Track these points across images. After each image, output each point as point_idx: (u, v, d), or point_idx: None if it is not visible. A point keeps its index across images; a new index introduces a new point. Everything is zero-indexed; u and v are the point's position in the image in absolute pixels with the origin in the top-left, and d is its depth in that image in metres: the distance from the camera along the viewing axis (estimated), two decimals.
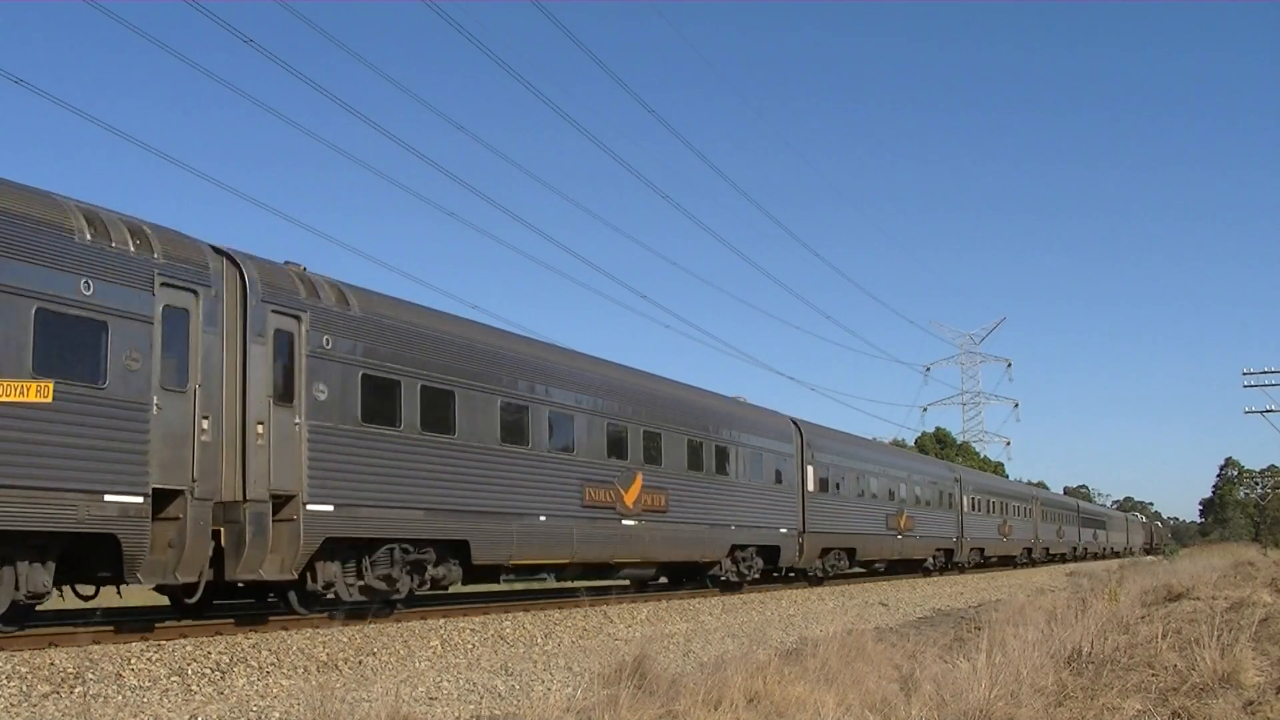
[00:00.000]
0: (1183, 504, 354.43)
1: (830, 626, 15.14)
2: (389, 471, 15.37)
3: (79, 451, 11.46)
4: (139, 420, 12.10)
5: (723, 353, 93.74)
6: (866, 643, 12.21)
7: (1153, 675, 10.84)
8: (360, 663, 12.03)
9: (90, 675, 9.83)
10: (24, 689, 9.24)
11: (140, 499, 11.96)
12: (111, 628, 12.68)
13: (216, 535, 12.89)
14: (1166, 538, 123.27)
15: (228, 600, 14.90)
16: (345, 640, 12.70)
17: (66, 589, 12.73)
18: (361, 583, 15.21)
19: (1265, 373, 64.78)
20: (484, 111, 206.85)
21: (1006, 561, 52.44)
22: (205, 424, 12.88)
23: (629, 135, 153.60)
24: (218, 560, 12.95)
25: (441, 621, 15.42)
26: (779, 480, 27.48)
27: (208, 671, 10.63)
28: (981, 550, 46.13)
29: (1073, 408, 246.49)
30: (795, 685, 9.20)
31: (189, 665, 10.68)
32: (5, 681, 9.28)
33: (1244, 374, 65.24)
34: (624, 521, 20.71)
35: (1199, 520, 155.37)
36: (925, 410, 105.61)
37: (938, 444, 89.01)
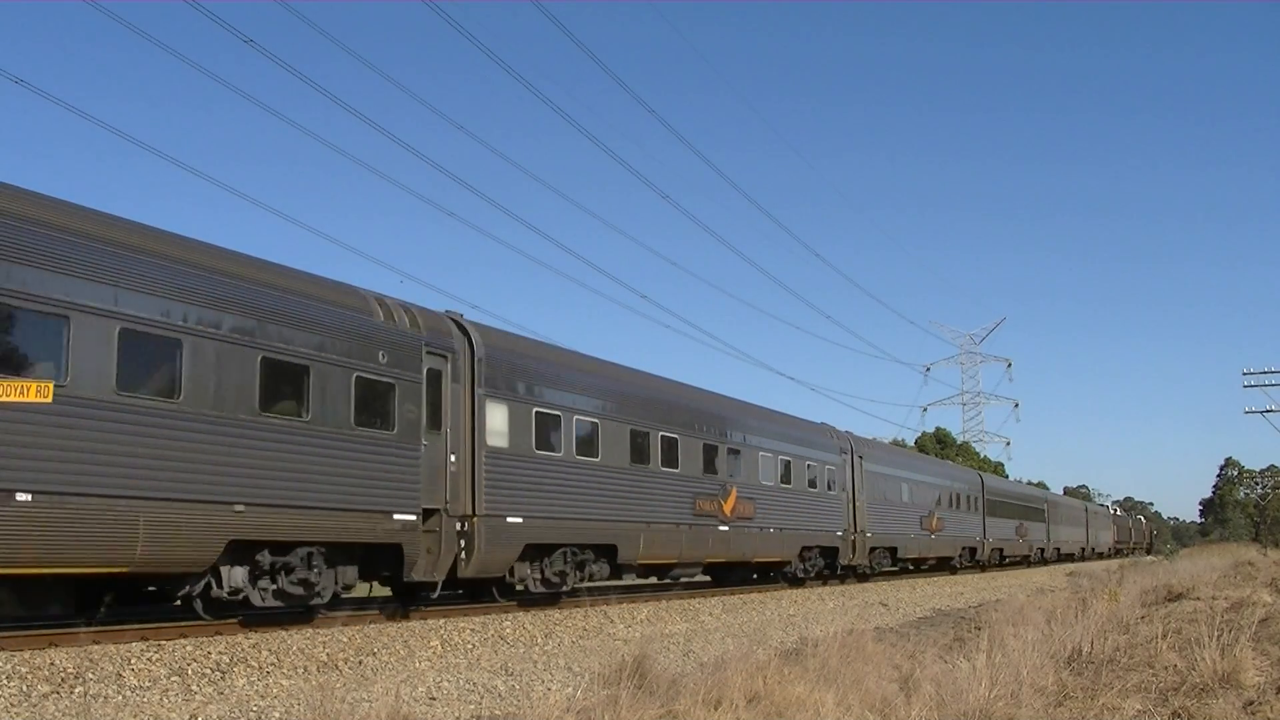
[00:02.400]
0: (1183, 504, 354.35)
1: (830, 626, 15.14)
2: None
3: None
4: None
5: (723, 353, 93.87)
6: (866, 643, 12.19)
7: (1153, 675, 10.84)
8: (360, 663, 12.03)
9: (90, 675, 9.83)
10: (24, 689, 9.24)
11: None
12: (112, 628, 12.68)
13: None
14: (1161, 536, 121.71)
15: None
16: (345, 640, 12.70)
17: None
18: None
19: (1265, 373, 64.86)
20: (484, 111, 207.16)
21: (775, 577, 28.62)
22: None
23: (629, 135, 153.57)
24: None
25: (441, 621, 15.43)
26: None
27: (208, 671, 10.63)
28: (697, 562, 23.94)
29: (1073, 408, 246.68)
30: (795, 685, 9.19)
31: (189, 665, 10.68)
32: (5, 681, 9.28)
33: (1244, 374, 65.39)
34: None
35: (1199, 520, 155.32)
36: (925, 410, 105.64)
37: (938, 444, 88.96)
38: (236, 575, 13.10)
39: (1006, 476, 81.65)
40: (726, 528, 24.27)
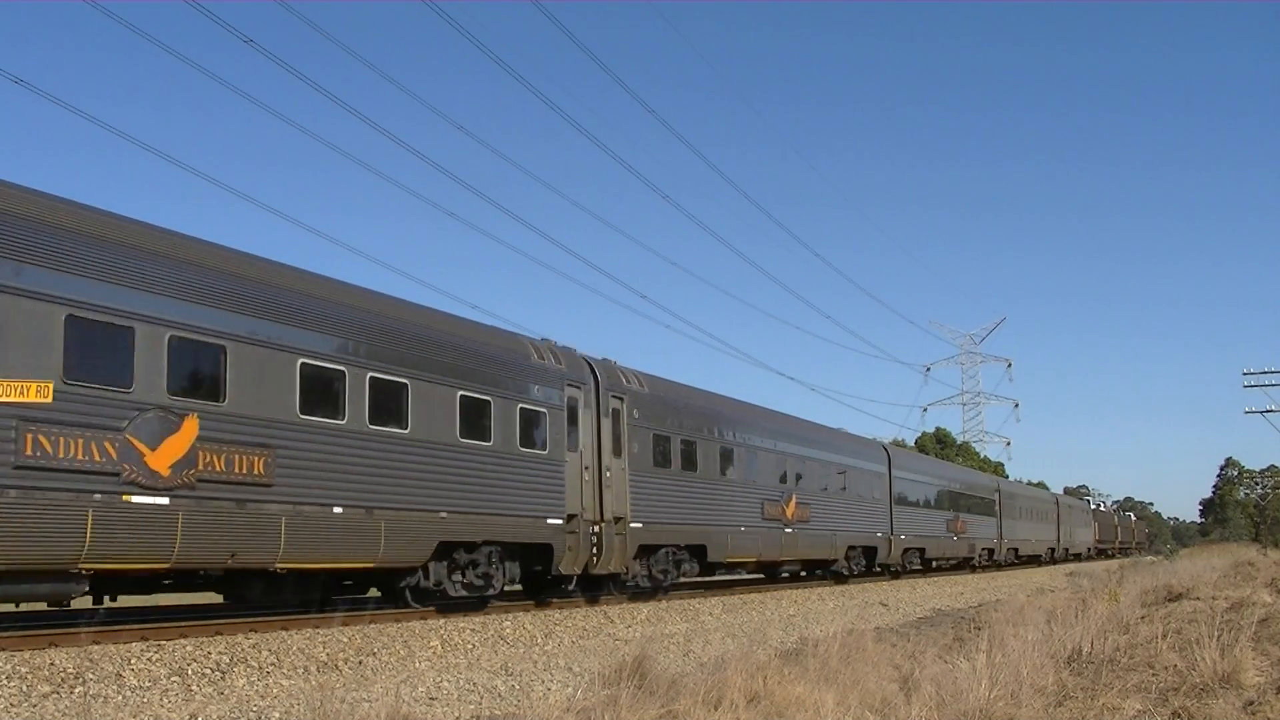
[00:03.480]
0: (1183, 504, 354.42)
1: (830, 626, 15.13)
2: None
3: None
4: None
5: (723, 353, 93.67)
6: (866, 643, 12.20)
7: (1153, 675, 10.83)
8: (360, 663, 12.04)
9: (90, 675, 9.83)
10: (24, 689, 9.24)
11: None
12: (112, 628, 12.68)
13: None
14: (1160, 536, 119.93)
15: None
16: (345, 640, 12.70)
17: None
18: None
19: (1265, 373, 64.88)
20: (484, 111, 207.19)
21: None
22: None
23: (629, 135, 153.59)
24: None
25: (441, 621, 15.44)
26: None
27: (208, 671, 10.64)
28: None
29: (1073, 408, 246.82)
30: (795, 685, 9.19)
31: (189, 665, 10.68)
32: (5, 681, 9.28)
33: (1244, 374, 65.40)
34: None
35: (1199, 520, 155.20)
36: (925, 410, 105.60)
37: (938, 444, 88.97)
38: None
39: (1006, 476, 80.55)
40: (146, 499, 11.89)
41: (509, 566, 17.88)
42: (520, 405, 18.11)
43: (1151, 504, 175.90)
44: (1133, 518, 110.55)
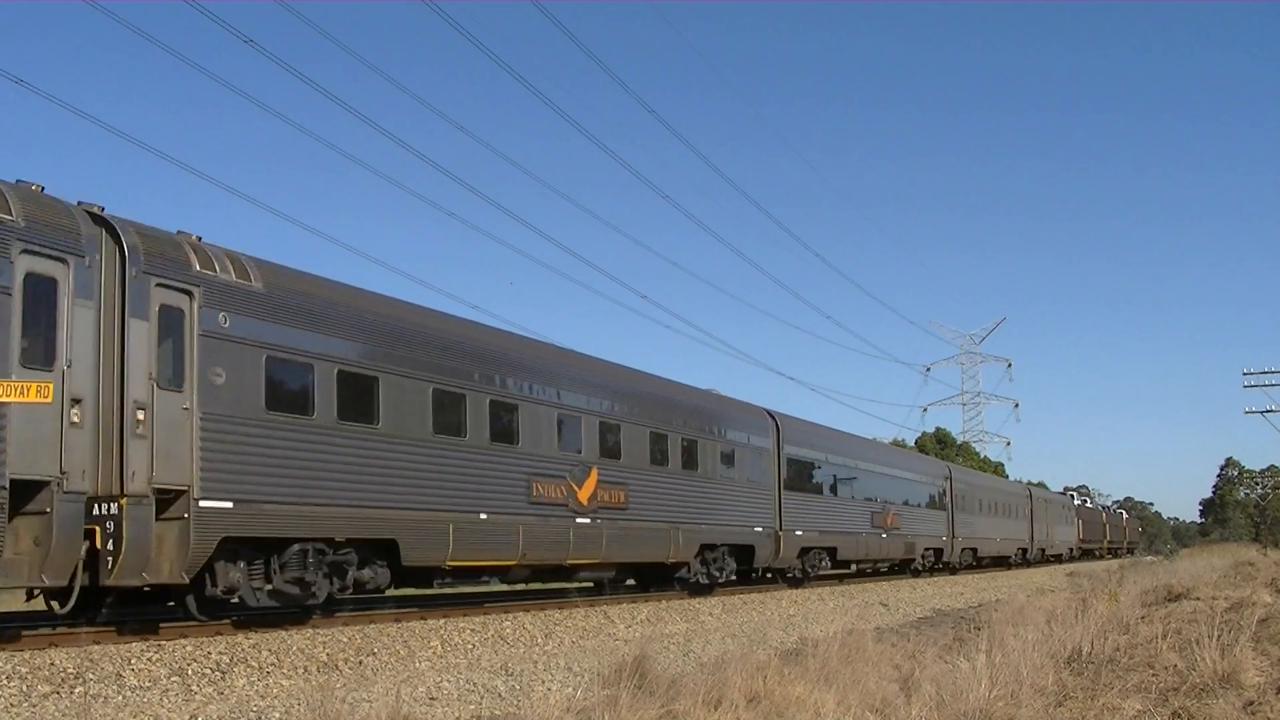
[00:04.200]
0: (1183, 504, 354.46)
1: (830, 626, 15.15)
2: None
3: None
4: None
5: (723, 353, 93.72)
6: (866, 643, 12.21)
7: (1153, 675, 10.84)
8: (360, 663, 12.04)
9: (90, 675, 9.84)
10: (24, 689, 9.25)
11: None
12: (112, 628, 12.68)
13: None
14: (1160, 536, 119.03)
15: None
16: (345, 640, 12.71)
17: None
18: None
19: (1265, 373, 65.04)
20: (484, 111, 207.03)
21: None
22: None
23: (629, 135, 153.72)
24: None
25: (442, 621, 15.44)
26: None
27: (208, 671, 10.64)
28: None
29: (1073, 408, 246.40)
30: (795, 685, 9.20)
31: (189, 665, 10.69)
32: (5, 681, 9.29)
33: (1244, 374, 65.59)
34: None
35: (1199, 520, 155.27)
36: (925, 410, 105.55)
37: (938, 444, 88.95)
38: None
39: (1006, 476, 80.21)
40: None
41: None
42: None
43: (1152, 504, 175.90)
44: (1124, 515, 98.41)
